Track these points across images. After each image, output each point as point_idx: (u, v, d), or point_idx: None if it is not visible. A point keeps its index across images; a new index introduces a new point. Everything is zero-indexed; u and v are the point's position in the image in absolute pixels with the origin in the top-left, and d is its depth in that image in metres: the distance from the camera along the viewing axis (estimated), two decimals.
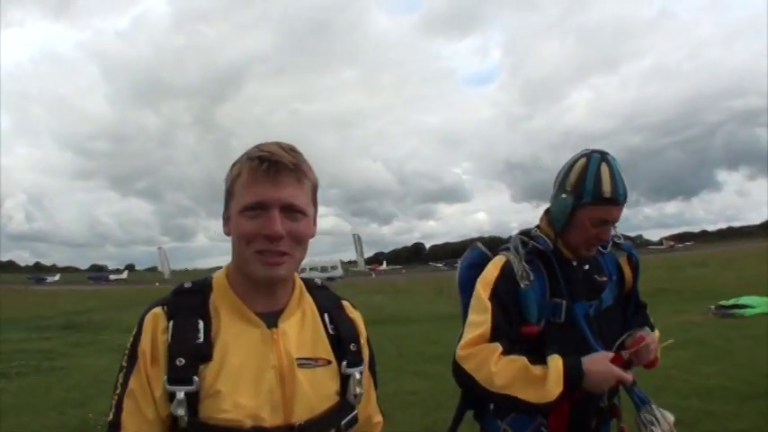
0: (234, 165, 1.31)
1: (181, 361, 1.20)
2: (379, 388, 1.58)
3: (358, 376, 1.37)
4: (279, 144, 1.29)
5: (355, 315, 1.49)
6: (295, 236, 1.27)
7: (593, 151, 1.97)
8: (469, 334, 1.95)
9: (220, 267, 1.38)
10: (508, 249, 2.06)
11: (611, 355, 1.89)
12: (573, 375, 1.83)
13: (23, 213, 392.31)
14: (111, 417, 1.24)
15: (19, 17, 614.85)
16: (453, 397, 2.22)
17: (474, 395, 2.05)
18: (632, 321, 2.18)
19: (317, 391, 1.29)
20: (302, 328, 1.35)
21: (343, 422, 1.35)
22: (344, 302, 1.50)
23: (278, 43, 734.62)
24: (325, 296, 1.46)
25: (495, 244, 2.21)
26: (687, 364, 7.02)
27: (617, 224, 2.02)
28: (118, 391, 1.25)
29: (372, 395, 1.53)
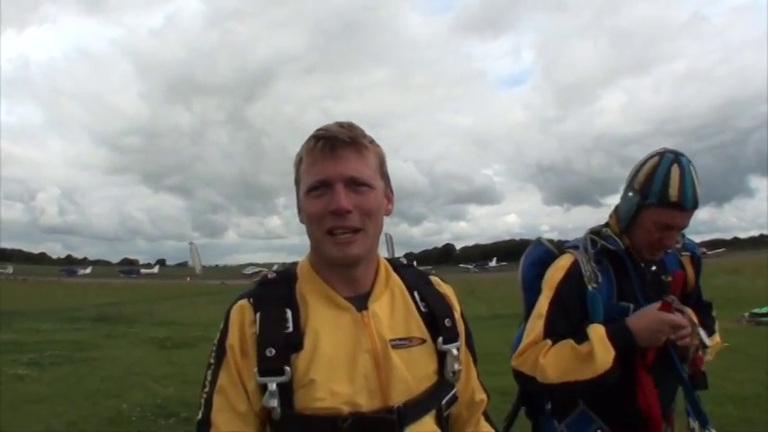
0: (297, 153, 1.32)
1: (271, 351, 1.18)
2: None
3: (455, 352, 1.32)
4: (337, 122, 1.28)
5: (446, 289, 1.44)
6: (363, 209, 1.24)
7: (668, 151, 1.88)
8: (522, 343, 1.91)
9: (250, 264, 1.36)
10: (576, 247, 1.97)
11: (657, 305, 1.80)
12: (620, 335, 1.77)
13: (56, 207, 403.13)
14: (199, 415, 1.23)
15: (53, 13, 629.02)
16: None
17: (531, 393, 2.01)
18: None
19: (413, 371, 1.26)
20: (393, 308, 1.31)
21: (444, 401, 1.31)
22: (433, 278, 1.45)
23: (310, 42, 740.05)
24: (413, 274, 1.41)
25: (558, 242, 2.12)
26: (721, 371, 6.89)
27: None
28: (206, 389, 1.24)
29: (472, 372, 1.47)
